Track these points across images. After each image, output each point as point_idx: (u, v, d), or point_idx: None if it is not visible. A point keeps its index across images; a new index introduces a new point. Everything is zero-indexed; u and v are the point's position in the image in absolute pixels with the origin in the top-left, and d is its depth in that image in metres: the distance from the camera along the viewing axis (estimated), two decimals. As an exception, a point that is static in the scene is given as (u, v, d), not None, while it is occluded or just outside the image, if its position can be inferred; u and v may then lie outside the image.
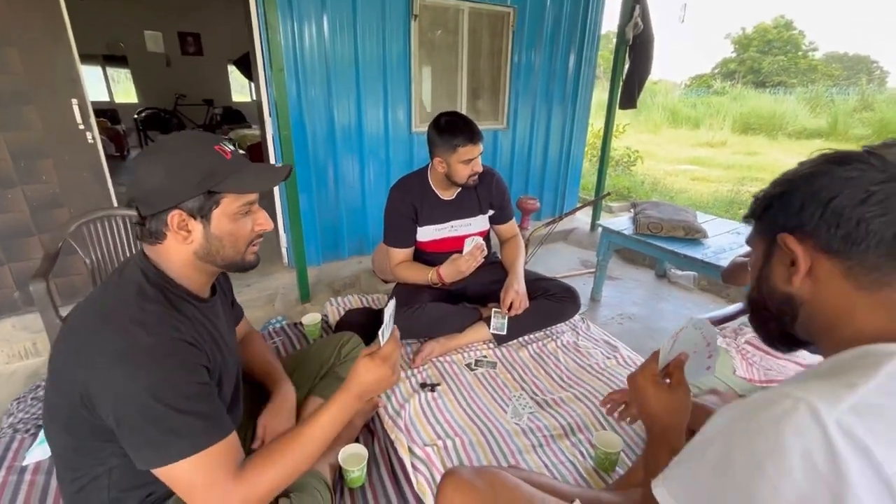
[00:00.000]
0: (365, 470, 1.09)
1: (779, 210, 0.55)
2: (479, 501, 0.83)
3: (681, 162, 7.54)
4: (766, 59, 19.59)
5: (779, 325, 0.58)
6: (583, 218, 4.22)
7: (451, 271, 1.60)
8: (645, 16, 3.27)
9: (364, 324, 1.67)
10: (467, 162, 1.58)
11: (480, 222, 1.80)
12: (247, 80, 7.42)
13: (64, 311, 1.54)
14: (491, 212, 1.82)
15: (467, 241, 1.63)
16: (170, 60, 7.09)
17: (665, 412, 0.74)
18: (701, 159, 7.68)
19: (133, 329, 0.70)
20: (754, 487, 0.42)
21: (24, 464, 1.15)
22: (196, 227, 0.78)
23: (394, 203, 1.71)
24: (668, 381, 0.79)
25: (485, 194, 1.76)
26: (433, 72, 3.31)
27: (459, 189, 1.73)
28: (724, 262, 1.92)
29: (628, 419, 0.94)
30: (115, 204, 2.42)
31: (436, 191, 1.72)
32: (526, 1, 3.31)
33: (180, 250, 0.79)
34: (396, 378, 0.88)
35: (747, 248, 0.63)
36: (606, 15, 4.47)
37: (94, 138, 2.27)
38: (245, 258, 0.85)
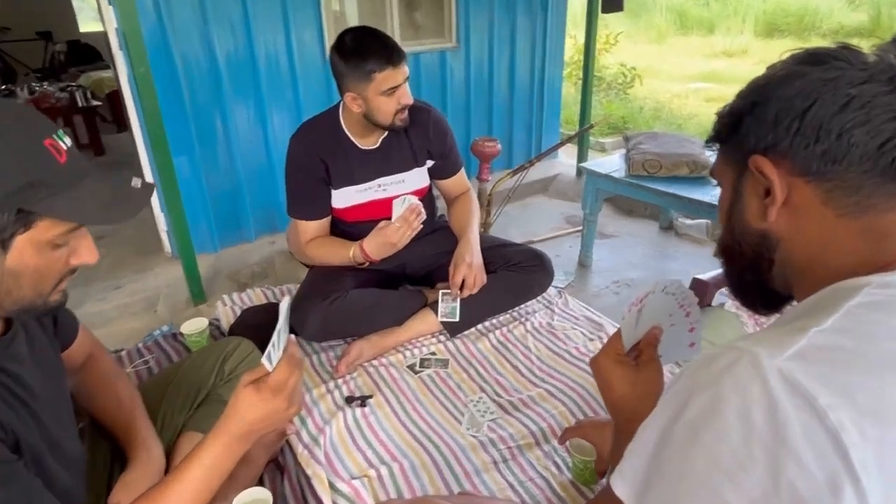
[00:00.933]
0: (270, 519, 1.08)
1: (749, 127, 0.58)
2: (409, 546, 0.83)
3: (692, 79, 7.66)
4: (794, -61, 19.90)
5: (754, 274, 0.62)
6: (567, 161, 4.24)
7: (379, 244, 1.56)
8: None
9: (266, 325, 1.62)
10: (390, 92, 1.52)
11: (417, 177, 1.76)
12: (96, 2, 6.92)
13: None
14: (430, 162, 1.78)
15: (395, 201, 1.58)
16: (-21, -20, 6.50)
17: (631, 397, 0.77)
18: (717, 74, 7.82)
19: None
20: (693, 459, 0.45)
21: None
22: None
23: (296, 159, 1.65)
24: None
25: (420, 139, 1.72)
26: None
27: (385, 134, 1.67)
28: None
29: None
30: None
31: (352, 138, 1.66)
32: None
33: None
34: (295, 410, 0.86)
35: None
36: None
37: None
38: (48, 301, 0.76)
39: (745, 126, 0.58)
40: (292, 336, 0.87)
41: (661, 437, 0.50)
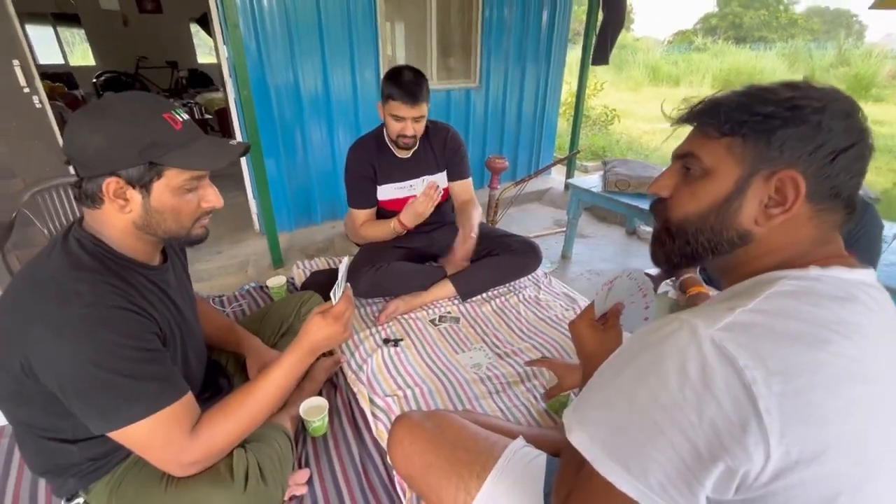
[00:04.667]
0: (326, 419, 1.14)
1: (786, 140, 0.49)
2: (426, 440, 0.87)
3: (660, 120, 7.49)
4: (747, 14, 19.25)
5: (694, 253, 0.56)
6: (557, 178, 4.23)
7: (410, 215, 1.60)
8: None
9: (328, 283, 1.67)
10: (397, 119, 1.52)
11: (441, 180, 1.78)
12: (212, 41, 7.02)
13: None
14: (447, 168, 1.79)
15: (418, 182, 1.63)
16: (127, 19, 6.63)
17: (599, 352, 0.77)
18: (679, 118, 7.63)
19: (69, 299, 0.67)
20: (637, 394, 0.46)
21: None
22: (134, 196, 0.73)
23: (352, 164, 1.69)
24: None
25: (440, 150, 1.74)
26: (403, 28, 3.18)
27: (416, 147, 1.70)
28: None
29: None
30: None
31: (392, 149, 1.69)
32: (495, -50, 3.16)
33: (119, 218, 0.75)
34: (348, 335, 0.90)
35: None
36: (582, -34, 4.30)
37: (41, 102, 2.15)
38: (191, 233, 0.81)
39: (781, 136, 0.48)
40: (349, 284, 0.91)
41: (614, 374, 0.50)
